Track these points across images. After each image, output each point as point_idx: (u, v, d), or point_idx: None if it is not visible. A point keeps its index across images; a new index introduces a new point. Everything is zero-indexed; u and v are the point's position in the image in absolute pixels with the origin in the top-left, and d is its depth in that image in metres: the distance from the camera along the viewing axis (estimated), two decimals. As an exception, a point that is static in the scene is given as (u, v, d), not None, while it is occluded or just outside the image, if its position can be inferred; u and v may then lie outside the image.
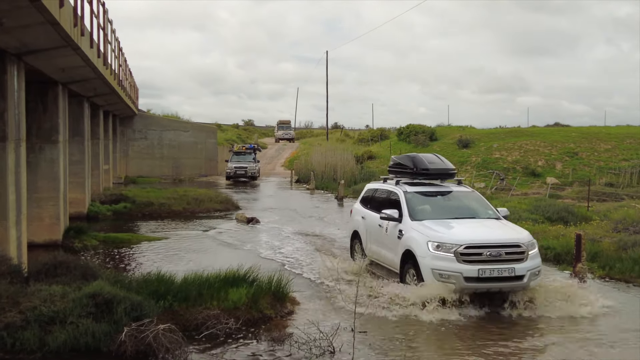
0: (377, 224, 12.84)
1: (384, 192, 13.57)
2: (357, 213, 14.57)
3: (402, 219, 11.95)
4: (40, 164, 16.82)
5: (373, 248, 13.27)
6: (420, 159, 13.41)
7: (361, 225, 14.05)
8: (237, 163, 41.76)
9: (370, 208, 13.81)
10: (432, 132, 49.17)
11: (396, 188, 12.98)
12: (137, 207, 23.96)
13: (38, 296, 9.00)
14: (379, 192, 13.98)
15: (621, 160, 38.20)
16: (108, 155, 32.89)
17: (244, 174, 41.39)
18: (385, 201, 13.16)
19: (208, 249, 16.76)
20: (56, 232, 17.07)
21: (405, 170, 13.65)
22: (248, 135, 73.45)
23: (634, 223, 17.71)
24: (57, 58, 13.89)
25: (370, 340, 9.19)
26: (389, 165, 14.66)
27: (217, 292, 10.17)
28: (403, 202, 12.31)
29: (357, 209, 14.65)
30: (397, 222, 12.01)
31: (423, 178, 13.34)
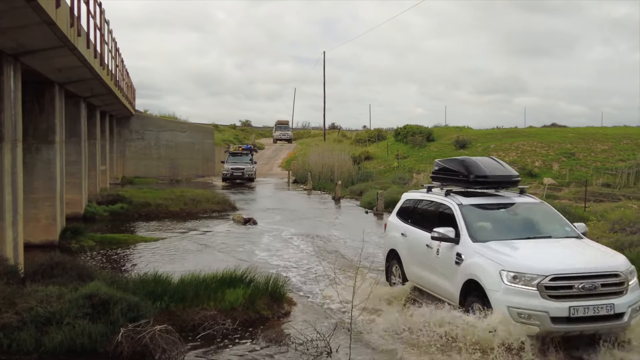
0: (424, 243, 10.55)
1: (431, 205, 11.32)
2: (393, 228, 12.23)
3: (460, 240, 9.63)
4: (36, 165, 16.79)
5: (418, 272, 10.96)
6: (474, 164, 11.02)
7: (401, 244, 11.69)
8: (233, 164, 40.61)
9: (413, 223, 11.51)
10: (429, 132, 49.15)
11: (448, 200, 10.60)
12: (134, 208, 23.94)
13: (34, 297, 8.98)
14: (423, 203, 11.67)
15: (618, 160, 38.22)
16: (105, 155, 32.85)
17: (241, 175, 40.30)
18: (432, 215, 10.98)
19: (205, 250, 16.74)
20: (53, 233, 17.04)
21: (456, 177, 11.16)
22: (245, 135, 73.39)
23: (630, 223, 17.73)
24: (53, 58, 13.87)
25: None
26: (433, 170, 12.20)
27: (214, 292, 10.17)
28: (459, 217, 9.98)
29: (394, 223, 12.28)
30: (454, 243, 9.69)
31: (479, 187, 10.85)
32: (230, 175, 40.18)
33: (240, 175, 40.25)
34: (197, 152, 45.87)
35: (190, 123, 52.19)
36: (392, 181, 35.40)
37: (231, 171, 40.18)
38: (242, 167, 40.35)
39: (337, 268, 12.93)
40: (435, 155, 42.85)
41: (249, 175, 40.47)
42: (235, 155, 41.83)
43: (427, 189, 11.70)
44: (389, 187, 31.20)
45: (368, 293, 9.66)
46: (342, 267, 13.92)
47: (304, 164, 43.47)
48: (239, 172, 40.19)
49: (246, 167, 40.58)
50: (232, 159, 41.43)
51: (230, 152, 42.42)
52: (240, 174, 40.19)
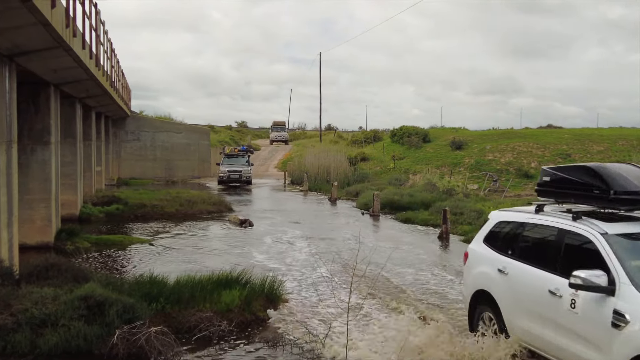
0: (545, 288, 7.25)
1: (548, 231, 7.84)
2: (481, 260, 8.84)
3: (619, 290, 6.35)
4: (31, 166, 16.74)
5: (532, 328, 7.50)
6: (617, 174, 7.57)
7: (498, 284, 8.25)
8: (229, 166, 39.03)
9: (517, 257, 8.12)
10: (426, 133, 49.21)
11: (582, 227, 7.19)
12: (130, 209, 23.91)
13: (29, 298, 8.94)
14: (532, 229, 8.27)
15: (614, 161, 38.33)
16: (100, 156, 32.81)
17: (238, 178, 38.74)
18: (552, 248, 7.59)
19: (201, 251, 16.70)
20: (48, 234, 16.98)
21: (585, 193, 7.73)
22: (241, 137, 73.40)
23: (626, 224, 17.72)
24: (49, 59, 13.83)
25: None
26: (541, 182, 8.80)
27: (209, 294, 10.15)
28: (609, 254, 6.68)
29: (482, 254, 8.90)
30: (606, 294, 6.42)
31: (626, 207, 7.39)
32: (227, 178, 38.70)
33: (238, 178, 38.82)
34: (192, 153, 45.84)
35: (186, 124, 52.18)
36: (388, 182, 35.44)
37: (227, 174, 38.68)
38: (239, 170, 38.87)
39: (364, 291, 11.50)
40: (431, 156, 42.93)
41: (246, 177, 39.08)
42: (231, 157, 40.21)
43: (536, 208, 8.21)
44: (385, 188, 31.24)
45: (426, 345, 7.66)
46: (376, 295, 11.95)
47: (300, 165, 43.47)
48: (236, 174, 38.79)
49: (243, 169, 39.12)
50: (227, 161, 39.87)
51: (226, 154, 40.53)
52: (237, 176, 38.80)
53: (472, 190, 32.06)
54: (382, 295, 11.70)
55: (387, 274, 13.17)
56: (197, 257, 15.75)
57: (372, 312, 10.46)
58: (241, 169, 39.04)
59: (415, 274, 14.05)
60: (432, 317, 9.70)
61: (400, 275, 13.74)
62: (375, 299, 11.26)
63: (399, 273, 13.96)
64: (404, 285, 12.81)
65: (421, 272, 14.31)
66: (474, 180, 36.49)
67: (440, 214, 20.83)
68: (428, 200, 25.84)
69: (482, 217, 21.22)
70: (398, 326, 8.54)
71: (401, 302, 11.04)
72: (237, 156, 40.35)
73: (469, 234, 19.43)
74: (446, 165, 40.28)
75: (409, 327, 8.22)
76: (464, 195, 28.50)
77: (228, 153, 40.61)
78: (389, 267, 13.54)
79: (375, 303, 11.05)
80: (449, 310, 10.81)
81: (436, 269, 14.81)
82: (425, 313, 10.23)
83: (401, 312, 9.69)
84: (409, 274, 13.93)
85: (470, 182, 35.32)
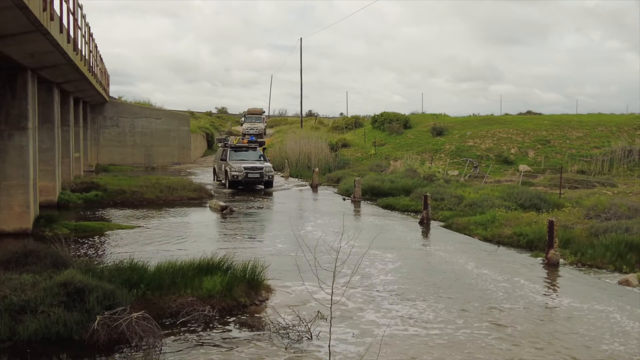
0: None
1: None
2: None
3: None
4: (9, 151, 16.52)
5: None
6: None
7: None
8: (244, 162, 29.24)
9: None
10: (406, 120, 49.23)
11: None
12: (109, 196, 23.73)
13: (8, 285, 8.87)
14: None
15: (593, 147, 38.64)
16: (79, 142, 32.46)
17: (259, 178, 28.90)
18: None
19: (181, 237, 16.61)
20: (26, 221, 16.80)
21: None
22: (221, 123, 72.98)
23: (605, 210, 17.94)
24: (26, 43, 13.61)
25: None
26: None
27: (190, 280, 10.11)
28: None
29: None
30: None
31: None
32: (245, 179, 28.64)
33: (258, 179, 28.99)
34: (172, 140, 45.53)
35: (166, 110, 51.72)
36: (369, 168, 35.49)
37: (245, 173, 28.50)
38: (260, 168, 29.01)
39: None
40: (412, 142, 43.03)
41: (268, 177, 29.32)
42: (239, 151, 30.77)
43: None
44: (366, 174, 31.28)
45: None
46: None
47: (281, 152, 43.34)
48: (256, 173, 28.82)
49: (264, 166, 29.34)
50: (236, 155, 30.19)
51: (232, 146, 31.26)
52: (258, 176, 28.85)
53: (452, 176, 32.19)
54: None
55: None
56: (177, 243, 15.67)
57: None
58: (261, 166, 29.27)
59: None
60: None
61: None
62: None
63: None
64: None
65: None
66: (454, 166, 36.63)
67: (421, 200, 20.92)
68: (409, 186, 25.92)
69: (462, 203, 21.38)
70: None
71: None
72: (247, 149, 31.36)
73: (450, 220, 19.58)
74: (427, 151, 40.36)
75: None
76: (444, 181, 28.61)
77: (235, 145, 31.83)
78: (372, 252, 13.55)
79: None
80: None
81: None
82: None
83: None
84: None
85: (450, 168, 35.45)
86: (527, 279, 12.50)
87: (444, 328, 9.33)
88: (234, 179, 28.48)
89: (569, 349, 8.53)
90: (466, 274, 12.87)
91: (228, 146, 31.05)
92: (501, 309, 10.42)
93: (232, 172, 28.53)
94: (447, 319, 9.81)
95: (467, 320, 9.71)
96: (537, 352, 8.40)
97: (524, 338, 8.95)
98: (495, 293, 11.42)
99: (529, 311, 10.33)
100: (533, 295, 11.33)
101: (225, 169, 29.40)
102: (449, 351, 8.37)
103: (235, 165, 28.74)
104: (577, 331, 9.33)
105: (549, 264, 13.80)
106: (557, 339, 8.94)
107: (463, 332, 9.17)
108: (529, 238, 15.96)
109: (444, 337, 8.91)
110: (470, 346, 8.55)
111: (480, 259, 14.44)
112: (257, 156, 30.59)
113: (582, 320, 9.85)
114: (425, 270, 13.33)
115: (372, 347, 8.09)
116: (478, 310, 10.28)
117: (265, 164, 29.62)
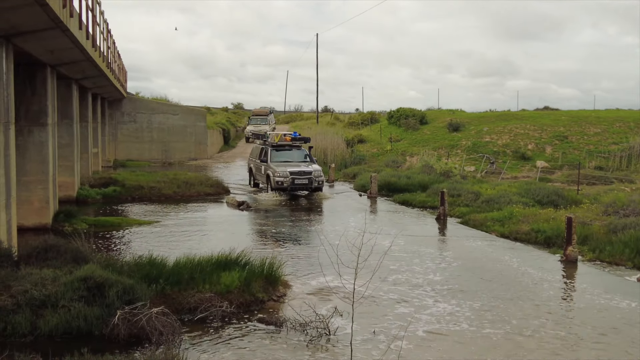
0: None
1: None
2: None
3: None
4: (29, 147, 16.67)
5: None
6: None
7: None
8: (289, 165, 24.67)
9: None
10: (423, 115, 49.04)
11: None
12: (127, 191, 23.85)
13: (29, 280, 8.95)
14: None
15: (611, 143, 38.31)
16: (97, 138, 32.65)
17: (307, 184, 24.38)
18: None
19: (199, 233, 16.70)
20: (46, 216, 16.95)
21: None
22: (237, 118, 73.11)
23: (623, 206, 17.79)
24: (45, 40, 13.72)
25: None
26: None
27: (209, 275, 10.16)
28: None
29: None
30: None
31: None
32: (291, 185, 24.12)
33: (307, 184, 24.41)
34: (189, 135, 45.62)
35: (183, 105, 51.87)
36: (385, 164, 35.41)
37: (291, 178, 24.04)
38: (308, 172, 24.48)
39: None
40: (428, 138, 42.90)
41: (318, 183, 24.61)
42: (281, 150, 26.03)
43: None
44: (382, 170, 31.21)
45: None
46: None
47: (297, 147, 43.22)
48: (304, 178, 24.29)
49: (313, 170, 24.73)
50: (278, 155, 25.65)
51: (273, 145, 26.22)
52: (307, 181, 24.32)
53: (469, 172, 32.05)
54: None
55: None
56: (195, 238, 15.76)
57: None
58: (310, 169, 24.70)
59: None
60: None
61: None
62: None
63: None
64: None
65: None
66: (471, 162, 36.47)
67: (437, 196, 20.86)
68: (425, 182, 25.83)
69: (479, 199, 21.30)
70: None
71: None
72: (290, 148, 26.50)
73: (467, 216, 19.52)
74: (443, 147, 40.21)
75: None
76: (461, 177, 28.49)
77: (277, 143, 26.45)
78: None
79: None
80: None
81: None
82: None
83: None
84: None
85: (467, 164, 35.31)
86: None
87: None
88: (278, 185, 24.09)
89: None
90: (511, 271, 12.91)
91: (268, 144, 26.23)
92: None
93: (275, 178, 24.10)
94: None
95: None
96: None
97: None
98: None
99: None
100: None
101: (267, 173, 24.88)
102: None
103: (279, 169, 24.24)
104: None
105: (567, 260, 13.73)
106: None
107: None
108: (546, 235, 15.88)
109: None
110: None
111: (520, 257, 14.38)
112: (302, 156, 26.05)
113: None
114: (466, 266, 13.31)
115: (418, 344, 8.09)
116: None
117: (313, 166, 25.11)
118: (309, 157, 26.16)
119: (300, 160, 25.56)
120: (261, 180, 26.18)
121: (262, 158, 25.86)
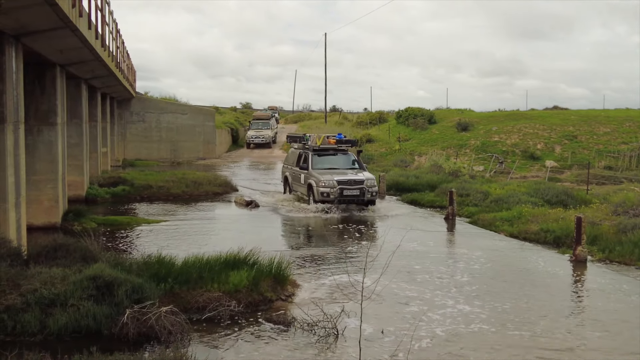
0: None
1: None
2: None
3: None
4: (38, 146, 16.73)
5: None
6: None
7: None
8: (335, 174, 20.93)
9: None
10: (431, 115, 48.98)
11: None
12: (136, 190, 23.90)
13: (38, 279, 8.98)
14: None
15: (620, 143, 38.16)
16: (106, 138, 32.75)
17: (358, 195, 20.56)
18: None
19: (207, 232, 16.73)
20: (55, 215, 17.02)
21: None
22: (246, 118, 73.05)
23: (633, 206, 17.70)
24: (55, 39, 13.76)
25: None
26: None
27: (217, 274, 10.16)
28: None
29: None
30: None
31: None
32: (339, 197, 20.35)
33: (358, 196, 20.59)
34: (198, 135, 45.67)
35: (191, 105, 51.92)
36: (393, 164, 35.36)
37: (339, 189, 20.33)
38: (359, 181, 20.70)
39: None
40: (436, 138, 42.81)
41: (371, 194, 20.82)
42: (323, 155, 22.34)
43: None
44: (391, 169, 31.17)
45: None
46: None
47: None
48: (355, 189, 20.57)
49: (366, 179, 20.89)
50: (319, 161, 21.98)
51: (314, 150, 22.33)
52: (358, 192, 20.55)
53: (478, 172, 31.97)
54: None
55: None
56: (203, 238, 15.79)
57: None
58: (361, 178, 20.87)
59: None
60: None
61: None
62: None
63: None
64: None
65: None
66: (479, 161, 36.38)
67: (446, 196, 20.80)
68: (434, 181, 25.78)
69: (488, 199, 21.23)
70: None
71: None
72: (335, 152, 22.74)
73: (475, 215, 19.46)
74: (452, 146, 40.12)
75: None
76: (470, 176, 28.42)
77: (319, 147, 22.53)
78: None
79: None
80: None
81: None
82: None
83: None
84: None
85: (476, 164, 35.22)
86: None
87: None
88: (323, 197, 20.37)
89: None
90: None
91: (308, 148, 22.45)
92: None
93: (320, 188, 20.42)
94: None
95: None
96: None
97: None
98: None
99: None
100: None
101: (308, 182, 21.19)
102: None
103: (324, 178, 20.54)
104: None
105: (576, 260, 13.67)
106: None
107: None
108: (555, 234, 15.81)
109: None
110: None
111: (529, 257, 14.32)
112: (349, 162, 22.29)
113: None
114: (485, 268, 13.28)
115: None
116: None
117: (364, 174, 21.26)
118: (357, 162, 22.41)
119: (347, 167, 21.90)
120: (300, 191, 22.35)
121: (302, 165, 22.06)
